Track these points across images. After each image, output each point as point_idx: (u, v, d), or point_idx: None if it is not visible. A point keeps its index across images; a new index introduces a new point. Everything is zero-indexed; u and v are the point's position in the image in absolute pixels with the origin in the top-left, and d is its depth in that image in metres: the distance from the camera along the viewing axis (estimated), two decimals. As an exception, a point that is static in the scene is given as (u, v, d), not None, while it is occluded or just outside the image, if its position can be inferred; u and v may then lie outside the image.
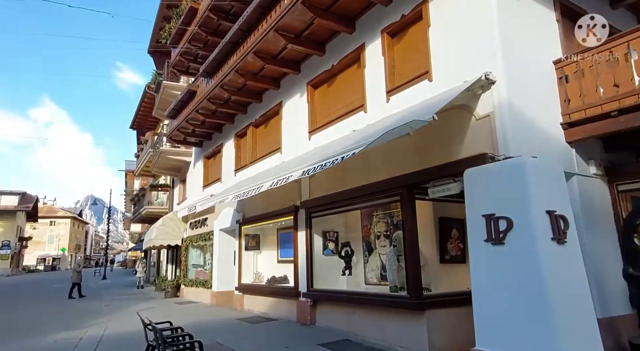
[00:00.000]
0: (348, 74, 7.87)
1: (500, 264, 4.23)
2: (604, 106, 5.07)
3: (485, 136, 5.01)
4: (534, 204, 4.09)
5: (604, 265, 5.24)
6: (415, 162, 5.93)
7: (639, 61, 4.82)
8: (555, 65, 5.64)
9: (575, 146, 5.54)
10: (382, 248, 7.30)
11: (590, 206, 5.46)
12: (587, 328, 3.99)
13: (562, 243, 4.11)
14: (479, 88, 5.09)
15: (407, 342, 5.67)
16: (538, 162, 4.37)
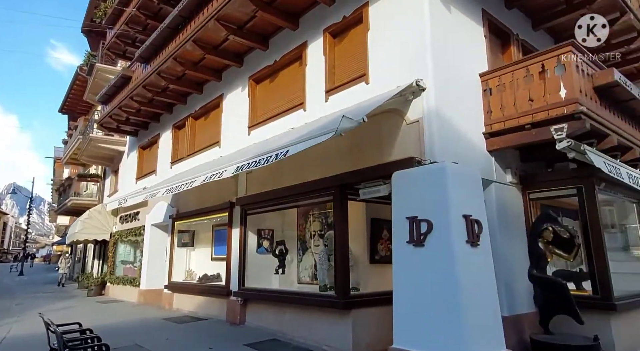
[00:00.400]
0: (290, 71, 7.79)
1: (419, 265, 4.39)
2: (520, 119, 5.46)
3: (414, 140, 5.19)
4: (452, 208, 4.29)
5: (515, 267, 5.64)
6: (349, 162, 6.00)
7: (550, 79, 5.24)
8: (481, 77, 5.99)
9: (494, 155, 5.91)
10: (316, 247, 7.31)
11: (505, 212, 5.86)
12: (493, 325, 4.26)
13: (476, 246, 4.35)
14: (411, 94, 5.25)
15: (333, 341, 5.72)
16: (458, 169, 4.60)
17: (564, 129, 4.99)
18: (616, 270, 7.20)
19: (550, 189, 6.16)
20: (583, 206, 5.71)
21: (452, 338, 3.95)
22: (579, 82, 5.12)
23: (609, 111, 5.78)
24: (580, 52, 5.35)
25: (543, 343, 4.90)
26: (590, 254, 5.55)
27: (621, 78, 5.48)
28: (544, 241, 5.27)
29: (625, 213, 7.52)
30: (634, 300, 5.74)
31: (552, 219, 5.26)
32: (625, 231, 7.51)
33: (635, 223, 7.26)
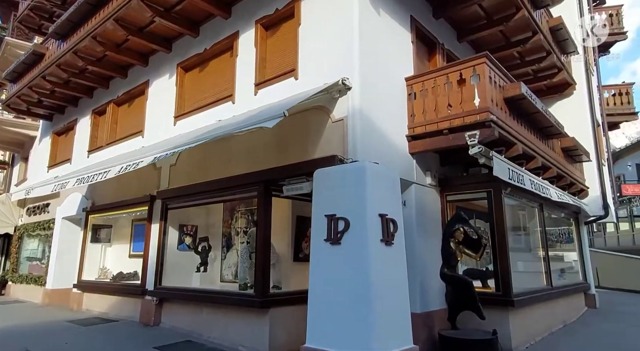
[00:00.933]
0: (221, 61, 7.48)
1: (335, 263, 4.39)
2: (440, 123, 5.71)
3: (339, 138, 5.20)
4: (369, 207, 4.34)
5: (430, 265, 5.87)
6: (275, 158, 5.88)
7: (466, 88, 5.54)
8: (407, 81, 6.18)
9: (416, 157, 6.13)
10: (241, 245, 7.10)
11: (423, 213, 6.10)
12: (402, 322, 4.38)
13: (390, 245, 4.45)
14: (337, 92, 5.25)
15: (250, 341, 5.57)
16: (378, 168, 4.67)
17: (477, 135, 5.30)
18: (520, 269, 7.88)
19: (465, 192, 6.54)
20: (491, 209, 6.12)
21: (360, 336, 3.99)
22: (491, 92, 5.46)
23: (517, 122, 6.25)
24: (494, 64, 5.72)
25: (449, 338, 5.16)
26: (496, 254, 5.96)
27: (527, 92, 5.95)
28: (455, 241, 5.55)
29: (533, 216, 8.24)
30: (530, 296, 6.26)
31: (464, 220, 5.56)
32: (530, 233, 8.23)
33: (537, 226, 7.96)
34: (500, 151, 6.04)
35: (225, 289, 6.53)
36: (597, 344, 6.34)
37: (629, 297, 13.15)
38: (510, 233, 8.08)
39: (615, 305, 10.67)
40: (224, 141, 6.78)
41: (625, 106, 13.60)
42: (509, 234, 8.09)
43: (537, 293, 6.68)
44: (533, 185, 6.48)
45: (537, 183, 6.75)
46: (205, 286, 7.20)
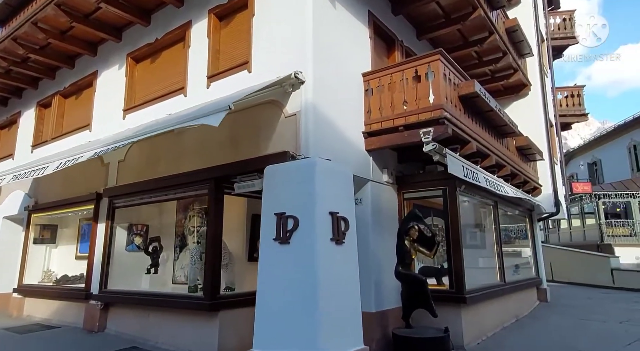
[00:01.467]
0: (173, 51, 7.12)
1: (283, 263, 4.22)
2: (395, 120, 5.66)
3: (291, 134, 5.02)
4: (319, 205, 4.20)
5: (386, 264, 5.80)
6: (227, 154, 5.64)
7: (421, 84, 5.52)
8: (364, 77, 6.09)
9: (372, 155, 6.05)
10: (192, 245, 6.78)
11: (380, 211, 6.03)
12: (352, 323, 4.28)
13: (340, 244, 4.33)
14: (290, 86, 5.08)
15: (198, 346, 5.31)
16: (329, 165, 4.54)
17: (431, 132, 5.28)
18: (475, 266, 8.01)
19: (421, 190, 6.54)
20: (446, 207, 6.15)
21: (306, 337, 3.85)
22: (445, 90, 5.46)
23: (471, 120, 6.31)
24: (448, 62, 5.73)
25: (401, 336, 5.12)
26: (450, 251, 5.99)
27: (481, 90, 6.01)
28: (410, 239, 5.52)
29: (488, 214, 8.40)
30: (482, 293, 6.35)
31: (418, 218, 5.54)
32: (485, 231, 8.39)
33: (492, 223, 8.11)
34: (455, 148, 6.08)
35: (173, 292, 6.22)
36: (545, 338, 6.52)
37: (578, 290, 13.80)
38: (467, 230, 8.23)
39: (565, 299, 11.13)
40: (175, 135, 6.47)
41: (576, 107, 14.24)
42: (466, 231, 8.24)
43: (490, 289, 6.79)
44: (488, 183, 6.57)
45: (492, 181, 6.86)
46: (156, 289, 6.83)
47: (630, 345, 5.85)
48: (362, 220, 5.89)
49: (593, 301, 10.77)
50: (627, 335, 6.46)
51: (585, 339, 6.37)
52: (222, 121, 5.63)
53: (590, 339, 6.37)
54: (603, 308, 9.47)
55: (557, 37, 14.25)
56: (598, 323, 7.68)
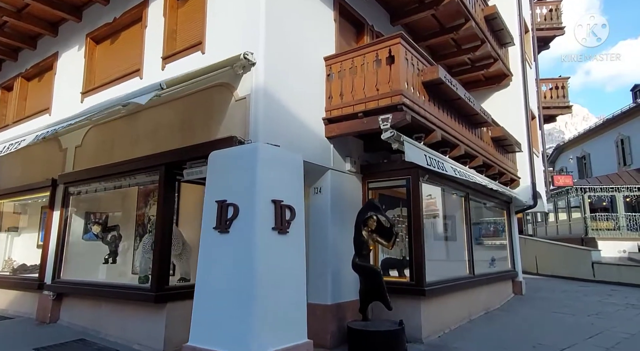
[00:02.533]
0: (132, 32, 6.79)
1: (222, 254, 4.02)
2: (356, 106, 5.42)
3: (241, 118, 4.77)
4: (260, 192, 3.98)
5: (345, 255, 5.59)
6: (179, 139, 5.39)
7: (382, 69, 5.27)
8: (326, 61, 5.82)
9: (334, 142, 5.82)
10: (146, 234, 6.55)
11: (341, 200, 5.82)
12: (295, 316, 4.10)
13: (284, 233, 4.12)
14: (240, 68, 4.81)
15: (145, 339, 5.11)
16: (275, 151, 4.31)
17: (389, 119, 5.05)
18: (443, 258, 7.86)
19: (386, 179, 6.33)
20: (409, 197, 5.96)
21: (240, 332, 3.66)
22: (405, 75, 5.22)
23: (438, 108, 6.09)
24: (411, 46, 5.48)
25: (355, 329, 4.95)
26: (411, 242, 5.81)
27: (446, 76, 5.78)
28: (368, 230, 5.33)
29: (460, 205, 8.23)
30: (444, 285, 6.20)
31: (376, 208, 5.34)
32: (456, 222, 8.23)
33: (462, 214, 7.95)
34: (420, 137, 5.87)
35: (122, 283, 5.99)
36: (509, 331, 6.41)
37: (559, 283, 13.79)
38: (437, 221, 8.07)
39: (542, 292, 11.08)
40: (130, 119, 6.21)
41: (560, 99, 14.07)
42: (436, 222, 8.09)
43: (455, 282, 6.65)
44: (456, 172, 6.38)
45: (461, 171, 6.67)
46: (114, 279, 6.61)
47: (590, 339, 5.75)
48: (320, 210, 5.71)
49: (568, 294, 10.73)
50: (591, 328, 6.37)
51: (549, 332, 6.27)
52: (175, 104, 5.44)
53: (554, 332, 6.26)
54: (576, 301, 9.41)
55: (543, 28, 14.02)
56: (567, 316, 7.60)
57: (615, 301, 9.19)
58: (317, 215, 5.71)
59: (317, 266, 5.58)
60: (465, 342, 5.61)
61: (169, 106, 5.62)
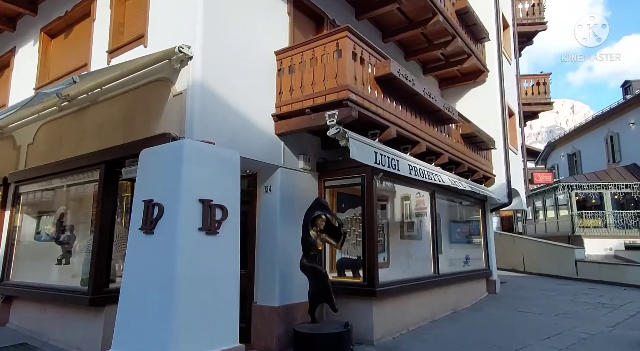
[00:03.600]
0: (83, 25, 6.60)
1: (147, 256, 3.85)
2: (304, 102, 5.24)
3: (178, 114, 4.60)
4: (185, 191, 3.81)
5: (295, 255, 5.41)
6: (120, 136, 5.20)
7: (329, 63, 5.09)
8: (276, 56, 5.65)
9: (285, 139, 5.65)
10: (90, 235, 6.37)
11: (293, 199, 5.65)
12: (224, 321, 3.93)
13: (213, 234, 3.95)
14: (178, 62, 4.62)
15: (84, 343, 4.96)
16: (206, 148, 4.13)
17: (335, 115, 4.88)
18: (405, 257, 7.71)
19: (342, 177, 6.17)
20: (363, 195, 5.80)
21: (161, 337, 3.50)
22: (353, 70, 5.05)
23: (394, 104, 5.92)
24: (361, 39, 5.30)
25: (299, 332, 4.80)
26: (365, 242, 5.66)
27: (400, 71, 5.61)
28: (316, 230, 5.17)
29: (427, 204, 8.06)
30: (399, 286, 6.04)
31: (323, 207, 5.18)
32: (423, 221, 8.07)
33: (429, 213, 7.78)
34: (375, 134, 5.71)
35: (64, 285, 5.81)
36: (469, 331, 6.27)
37: (540, 281, 13.69)
38: (403, 220, 7.93)
39: (518, 290, 10.97)
40: (78, 115, 6.04)
41: (542, 95, 13.91)
42: (402, 221, 7.94)
43: (415, 282, 6.50)
44: (412, 172, 6.23)
45: (422, 169, 6.52)
46: (66, 281, 6.42)
47: (547, 339, 5.62)
48: (270, 209, 5.56)
49: (544, 292, 10.61)
50: (552, 328, 6.24)
51: (509, 332, 6.15)
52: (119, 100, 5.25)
53: (514, 332, 6.13)
54: (549, 300, 9.29)
55: (525, 23, 13.85)
56: (534, 315, 7.47)
57: (587, 300, 9.07)
58: (267, 214, 5.56)
59: (266, 267, 5.43)
60: (418, 343, 5.47)
61: (114, 102, 5.44)
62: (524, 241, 19.96)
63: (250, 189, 5.90)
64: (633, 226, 17.88)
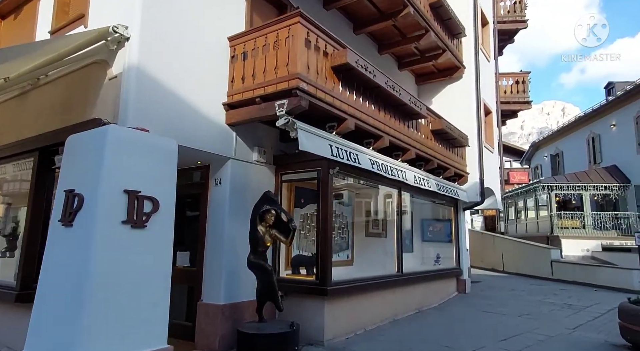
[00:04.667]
0: (31, 5, 6.23)
1: (64, 250, 3.58)
2: (256, 90, 4.99)
3: (113, 99, 4.30)
4: (106, 180, 3.53)
5: (245, 253, 5.18)
6: (57, 121, 4.88)
7: (282, 50, 4.84)
8: (230, 42, 5.37)
9: (237, 130, 5.39)
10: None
11: (244, 192, 5.40)
12: (151, 321, 3.67)
13: (140, 227, 3.69)
14: (114, 43, 4.32)
15: (13, 341, 4.65)
16: (134, 135, 3.85)
17: (285, 105, 4.63)
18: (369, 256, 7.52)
19: (299, 171, 5.94)
20: (319, 190, 5.58)
21: (71, 339, 3.23)
22: (305, 57, 4.81)
23: (354, 95, 5.69)
24: (316, 27, 5.05)
25: (243, 333, 4.57)
26: (318, 239, 5.45)
27: (358, 62, 5.38)
28: (266, 225, 4.93)
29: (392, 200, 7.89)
30: (355, 285, 5.84)
31: (272, 201, 4.94)
32: (387, 219, 7.90)
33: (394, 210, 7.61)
34: (332, 126, 5.49)
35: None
36: (426, 332, 6.10)
37: (515, 281, 13.68)
38: (368, 217, 7.74)
39: (489, 290, 10.90)
40: (21, 99, 5.69)
41: (520, 94, 13.83)
42: (368, 218, 7.76)
43: (373, 281, 6.31)
44: (377, 166, 6.03)
45: (385, 165, 6.33)
46: (9, 274, 6.11)
47: (503, 341, 5.49)
48: (219, 202, 5.31)
49: (514, 292, 10.56)
50: (511, 330, 6.12)
51: (466, 333, 6.01)
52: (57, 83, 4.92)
53: (471, 333, 6.00)
54: (517, 300, 9.21)
55: (506, 21, 13.73)
56: (497, 315, 7.36)
57: (555, 301, 9.02)
58: (216, 208, 5.30)
59: (213, 263, 5.19)
60: (369, 344, 5.29)
61: (54, 85, 5.12)
62: (504, 240, 20.00)
63: (202, 181, 5.64)
64: (610, 227, 18.00)
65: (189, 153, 4.98)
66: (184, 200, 6.05)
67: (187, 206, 5.92)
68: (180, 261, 5.85)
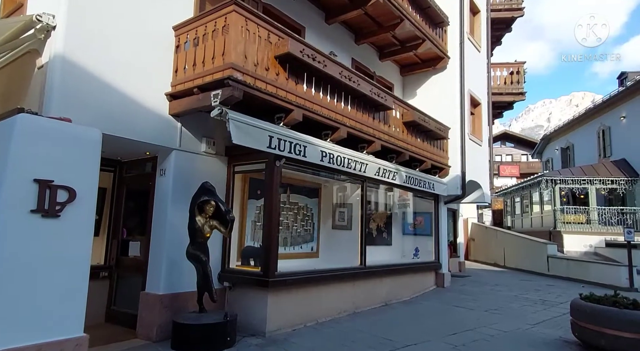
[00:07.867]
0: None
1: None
2: (195, 80, 4.92)
3: (40, 89, 4.32)
4: (13, 169, 3.53)
5: (186, 243, 5.16)
6: (0, 112, 4.93)
7: (219, 40, 4.74)
8: (175, 31, 5.30)
9: (183, 120, 5.35)
10: None
11: (189, 183, 5.35)
12: (66, 310, 3.69)
13: (53, 217, 3.69)
14: (41, 32, 4.30)
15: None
16: (49, 124, 3.82)
17: (219, 95, 4.56)
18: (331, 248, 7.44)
19: (250, 162, 5.86)
20: (265, 182, 5.50)
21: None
22: (242, 47, 4.70)
23: (304, 86, 5.57)
24: (255, 15, 4.92)
25: (178, 323, 4.58)
26: (263, 230, 5.39)
27: (303, 51, 5.24)
28: (205, 216, 4.91)
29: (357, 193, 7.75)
30: (301, 277, 5.74)
31: (210, 192, 4.90)
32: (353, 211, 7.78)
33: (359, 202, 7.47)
34: (280, 117, 5.39)
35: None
36: (381, 325, 5.97)
37: (509, 276, 13.43)
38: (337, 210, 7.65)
39: (470, 285, 10.69)
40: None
41: (515, 85, 13.37)
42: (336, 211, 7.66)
43: (327, 273, 6.22)
44: (328, 158, 5.92)
45: (341, 157, 6.21)
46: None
47: (453, 335, 5.37)
48: (163, 193, 5.31)
49: (494, 288, 10.33)
50: (470, 324, 6.06)
51: (420, 327, 5.89)
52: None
53: (426, 327, 5.89)
54: (493, 295, 9.00)
55: (500, 9, 13.24)
56: (464, 310, 7.21)
57: (532, 297, 8.77)
58: (160, 199, 5.30)
59: (155, 253, 5.20)
60: (314, 335, 5.22)
61: None
62: (506, 235, 19.60)
63: (152, 172, 5.63)
64: (616, 223, 17.39)
65: (132, 144, 4.98)
66: (137, 190, 6.09)
67: (139, 196, 5.94)
68: (132, 251, 5.91)
